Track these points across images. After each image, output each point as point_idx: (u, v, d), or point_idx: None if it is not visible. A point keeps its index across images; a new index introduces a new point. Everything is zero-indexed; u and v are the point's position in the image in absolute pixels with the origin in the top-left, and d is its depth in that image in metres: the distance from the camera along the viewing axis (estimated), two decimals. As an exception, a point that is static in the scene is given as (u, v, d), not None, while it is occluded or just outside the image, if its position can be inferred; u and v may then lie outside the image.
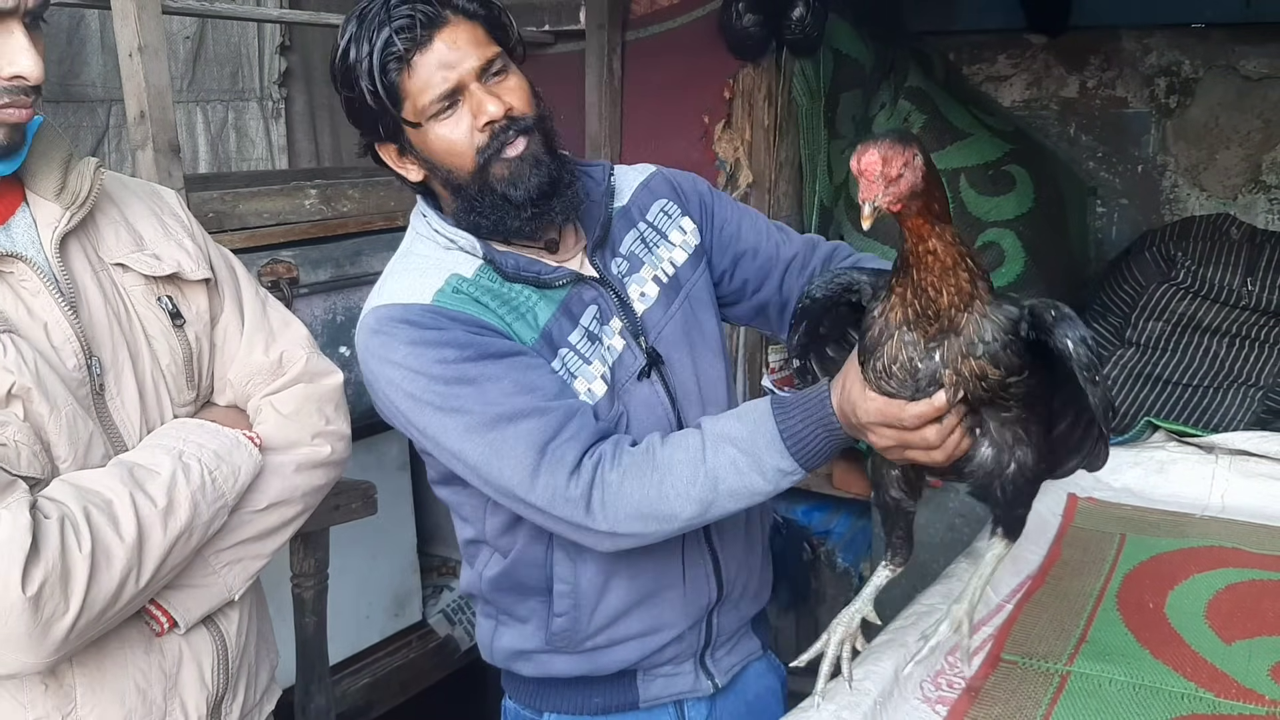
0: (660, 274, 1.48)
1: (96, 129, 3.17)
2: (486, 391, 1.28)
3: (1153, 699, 1.41)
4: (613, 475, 1.27)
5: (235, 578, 1.25)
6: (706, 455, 1.28)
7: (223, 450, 1.21)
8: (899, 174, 1.05)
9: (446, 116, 1.31)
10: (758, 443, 1.27)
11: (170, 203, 1.34)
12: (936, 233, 1.10)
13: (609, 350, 1.40)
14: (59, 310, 1.13)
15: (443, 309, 1.32)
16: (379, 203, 2.51)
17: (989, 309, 1.14)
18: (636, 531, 1.30)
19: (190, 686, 1.23)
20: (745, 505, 1.31)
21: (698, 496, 1.27)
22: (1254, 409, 2.70)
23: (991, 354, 1.13)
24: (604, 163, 1.53)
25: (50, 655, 1.06)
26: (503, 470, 1.28)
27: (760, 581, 1.61)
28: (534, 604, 1.48)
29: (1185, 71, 3.60)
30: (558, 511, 1.29)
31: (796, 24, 2.90)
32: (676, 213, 1.53)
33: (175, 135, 2.14)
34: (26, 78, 1.08)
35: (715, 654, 1.55)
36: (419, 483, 2.78)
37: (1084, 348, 1.12)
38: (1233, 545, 1.88)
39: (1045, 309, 1.14)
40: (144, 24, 2.06)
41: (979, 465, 1.23)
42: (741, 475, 1.27)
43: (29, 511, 1.03)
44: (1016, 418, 1.21)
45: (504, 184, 1.33)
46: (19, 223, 1.16)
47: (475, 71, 1.30)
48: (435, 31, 1.28)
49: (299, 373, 1.32)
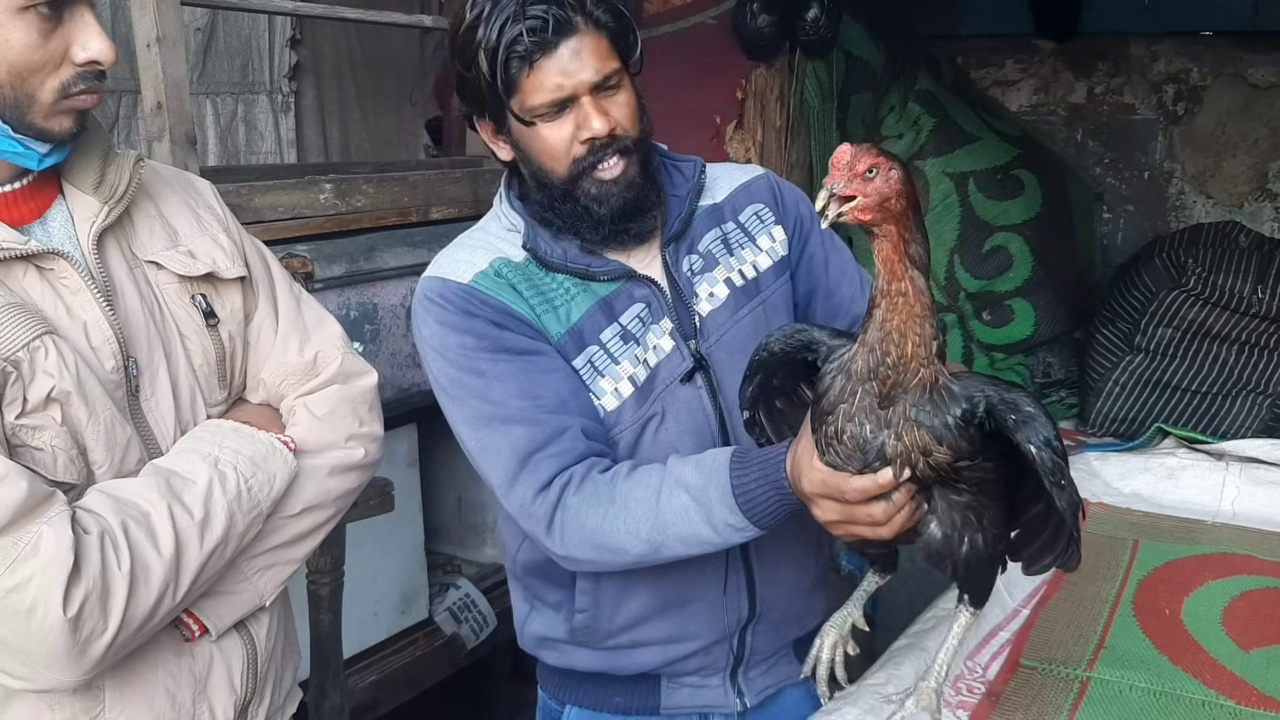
0: (735, 276, 1.45)
1: (106, 120, 3.16)
2: (491, 388, 1.32)
3: (1174, 706, 1.41)
4: (574, 500, 1.29)
5: (267, 584, 1.23)
6: (660, 497, 1.27)
7: (258, 457, 1.18)
8: (865, 173, 1.04)
9: (552, 119, 1.31)
10: (709, 494, 1.25)
11: (205, 195, 1.31)
12: (910, 276, 1.07)
13: (655, 350, 1.39)
14: (99, 309, 1.10)
15: (476, 291, 1.35)
16: (394, 198, 2.50)
17: (944, 382, 1.10)
18: (590, 559, 1.32)
19: (219, 690, 1.22)
20: (697, 553, 1.30)
21: (646, 537, 1.27)
22: (1263, 416, 2.71)
23: (935, 432, 1.09)
24: (696, 159, 1.53)
25: (87, 673, 1.04)
26: (488, 468, 1.34)
27: (806, 607, 1.55)
28: (562, 594, 1.48)
29: (1193, 79, 3.62)
30: (524, 524, 1.34)
31: (811, 25, 2.91)
32: (770, 220, 1.50)
33: (192, 127, 2.13)
34: (101, 62, 1.05)
35: (749, 673, 1.52)
36: (427, 479, 2.78)
37: (1048, 452, 1.07)
38: (1245, 552, 1.90)
39: (1007, 411, 1.09)
40: (163, 14, 2.05)
41: (927, 543, 1.20)
42: (691, 523, 1.26)
43: (70, 527, 1.00)
44: (969, 503, 1.16)
45: (589, 199, 1.34)
46: (55, 217, 1.13)
47: (590, 84, 1.30)
48: (563, 38, 1.27)
49: (334, 374, 1.30)
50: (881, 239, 1.07)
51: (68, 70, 1.05)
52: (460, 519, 2.95)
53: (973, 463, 1.12)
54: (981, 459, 1.13)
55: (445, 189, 2.63)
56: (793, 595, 1.53)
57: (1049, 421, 1.11)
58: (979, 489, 1.16)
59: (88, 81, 1.06)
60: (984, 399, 1.11)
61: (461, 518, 2.95)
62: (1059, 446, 1.09)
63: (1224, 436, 2.51)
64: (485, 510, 2.91)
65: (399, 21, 2.97)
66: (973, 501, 1.16)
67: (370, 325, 2.31)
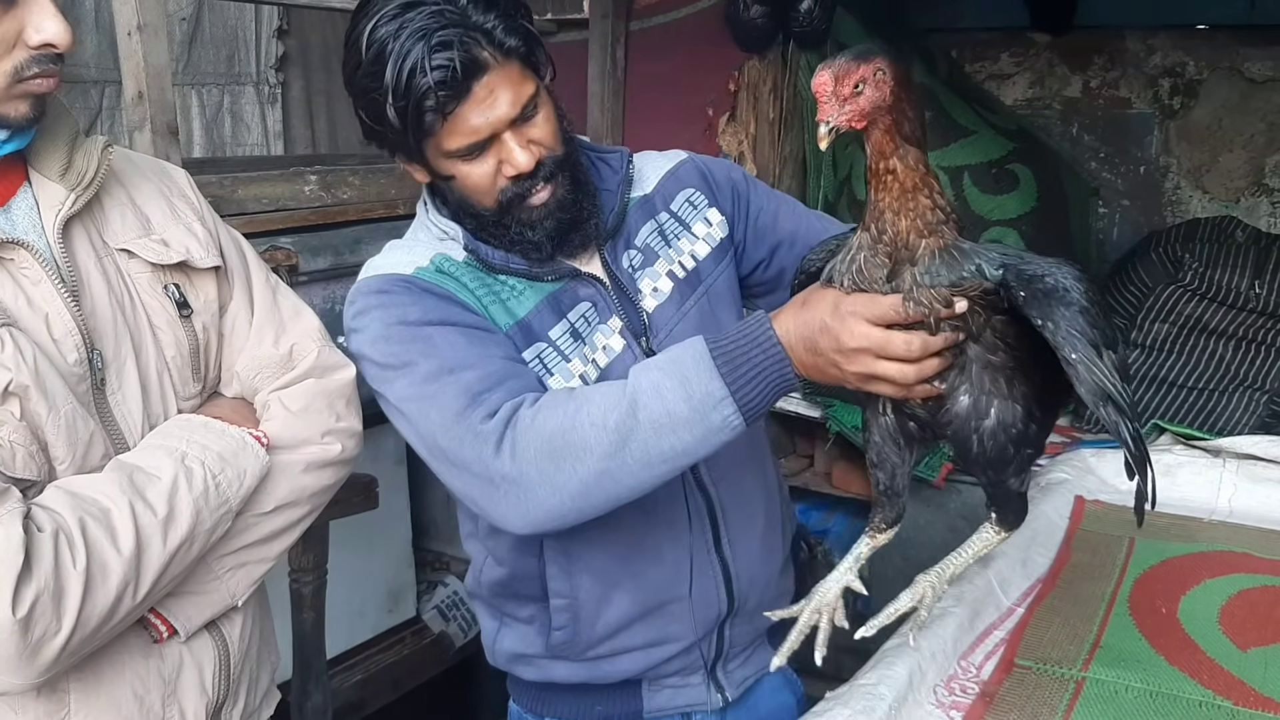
0: (676, 268, 1.42)
1: (90, 110, 3.12)
2: (437, 346, 1.23)
3: (1170, 706, 1.39)
4: (528, 412, 1.18)
5: (239, 583, 1.20)
6: (629, 383, 1.17)
7: (228, 452, 1.15)
8: (854, 90, 1.03)
9: (472, 160, 1.26)
10: (684, 363, 1.15)
11: (180, 183, 1.28)
12: (899, 152, 1.07)
13: (605, 350, 1.35)
14: (60, 301, 1.07)
15: (419, 280, 1.29)
16: (380, 190, 2.47)
17: (952, 244, 1.10)
18: (545, 474, 1.15)
19: (190, 693, 1.18)
20: (670, 445, 1.14)
21: (614, 425, 1.14)
22: (1259, 413, 2.69)
23: (951, 283, 1.08)
24: (623, 149, 1.48)
25: (40, 676, 1.00)
26: (429, 415, 1.22)
27: (778, 592, 1.54)
28: (534, 608, 1.44)
29: (1189, 73, 3.59)
30: (467, 451, 1.19)
31: (805, 17, 2.88)
32: (703, 204, 1.47)
33: (174, 117, 2.10)
34: (56, 45, 1.02)
35: (727, 666, 1.50)
36: (415, 477, 2.75)
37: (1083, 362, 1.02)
38: (1242, 550, 1.87)
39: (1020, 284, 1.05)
40: (144, 2, 2.01)
41: (956, 414, 1.16)
42: (664, 400, 1.13)
43: (22, 524, 0.97)
44: (1002, 365, 1.13)
45: (522, 225, 1.30)
46: (20, 205, 1.09)
47: (509, 119, 1.24)
48: (474, 81, 1.20)
49: (309, 367, 1.26)
50: (873, 129, 1.07)
51: (21, 53, 1.01)
52: (449, 517, 2.93)
53: (1003, 318, 1.10)
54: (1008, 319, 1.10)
55: (433, 181, 2.60)
56: (766, 582, 1.51)
57: (1083, 292, 1.06)
58: (1013, 352, 1.12)
59: (43, 65, 1.02)
60: (1000, 259, 1.09)
61: (450, 516, 2.93)
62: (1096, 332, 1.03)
63: (1221, 433, 2.50)
64: (473, 508, 2.88)
65: (387, 12, 2.94)
66: (1006, 364, 1.13)
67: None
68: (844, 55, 1.05)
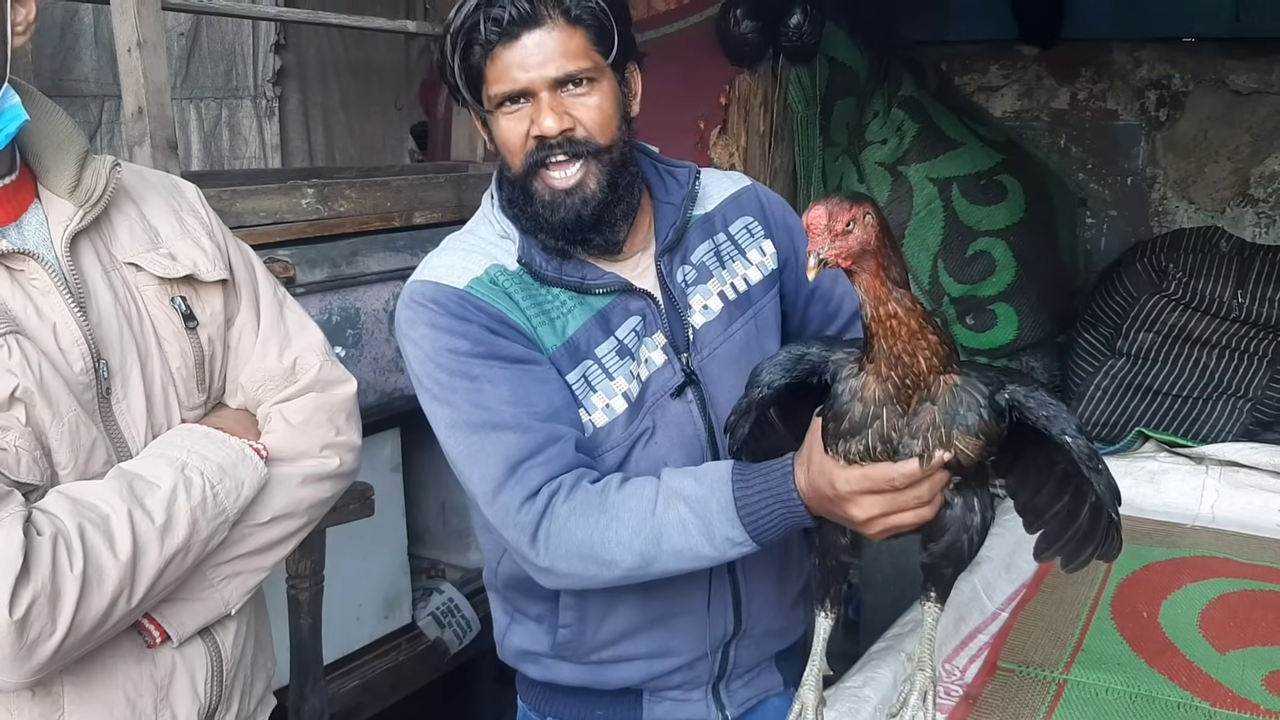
0: (728, 289, 1.44)
1: (89, 125, 3.15)
2: (483, 392, 1.28)
3: (1149, 708, 1.42)
4: (562, 509, 1.25)
5: (233, 592, 1.21)
6: (657, 508, 1.24)
7: (227, 463, 1.17)
8: (845, 229, 1.05)
9: (512, 112, 1.30)
10: (710, 507, 1.23)
11: (190, 198, 1.30)
12: (895, 295, 1.08)
13: (647, 363, 1.37)
14: (68, 311, 1.10)
15: (471, 297, 1.32)
16: (376, 203, 2.50)
17: (962, 380, 1.13)
18: (574, 572, 1.27)
19: (182, 698, 1.20)
20: (689, 568, 1.27)
21: (640, 549, 1.24)
22: (1243, 420, 2.73)
23: (970, 429, 1.12)
24: (690, 165, 1.49)
25: (33, 676, 1.02)
26: (473, 475, 1.29)
27: (789, 621, 1.55)
28: (544, 607, 1.46)
29: (1175, 85, 3.64)
30: (507, 533, 1.29)
31: (794, 31, 2.92)
32: (760, 233, 1.49)
33: (173, 132, 2.12)
34: None
35: (730, 685, 1.51)
36: (410, 484, 2.77)
37: (1082, 440, 1.12)
38: (1223, 555, 1.91)
39: (1038, 407, 1.14)
40: (143, 19, 2.04)
41: (949, 521, 1.21)
42: (689, 537, 1.23)
43: (22, 527, 0.99)
44: (975, 479, 1.20)
45: (541, 203, 1.32)
46: (31, 220, 1.12)
47: (551, 81, 1.26)
48: (525, 30, 1.25)
49: (311, 381, 1.28)
50: (861, 273, 1.08)
51: None
52: (444, 523, 2.95)
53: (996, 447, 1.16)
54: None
55: (428, 194, 2.63)
56: (777, 610, 1.51)
57: (1070, 411, 1.16)
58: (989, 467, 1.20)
59: None
60: (1007, 393, 1.15)
61: (445, 522, 2.95)
62: (1088, 433, 1.15)
63: (1204, 440, 2.53)
64: (469, 515, 2.88)
65: (383, 27, 2.97)
66: (975, 478, 1.19)
67: (352, 330, 2.31)
68: (836, 195, 1.08)
